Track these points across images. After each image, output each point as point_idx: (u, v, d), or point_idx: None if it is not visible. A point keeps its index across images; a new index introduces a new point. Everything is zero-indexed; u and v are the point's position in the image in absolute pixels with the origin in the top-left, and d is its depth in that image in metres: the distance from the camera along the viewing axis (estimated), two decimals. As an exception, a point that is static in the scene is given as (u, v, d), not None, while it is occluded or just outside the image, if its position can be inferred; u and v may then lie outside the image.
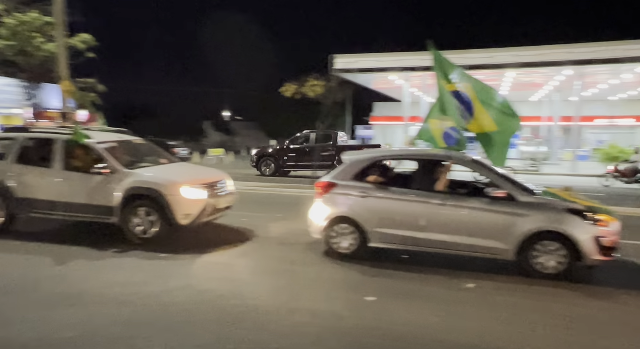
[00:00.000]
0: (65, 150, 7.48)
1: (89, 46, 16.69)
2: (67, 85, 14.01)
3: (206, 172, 8.47)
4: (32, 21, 15.40)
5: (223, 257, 6.58)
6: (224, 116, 53.10)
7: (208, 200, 7.24)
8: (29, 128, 8.47)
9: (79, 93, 16.30)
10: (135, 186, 7.07)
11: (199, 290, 5.19)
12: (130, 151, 8.22)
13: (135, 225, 7.03)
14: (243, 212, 9.06)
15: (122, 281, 5.41)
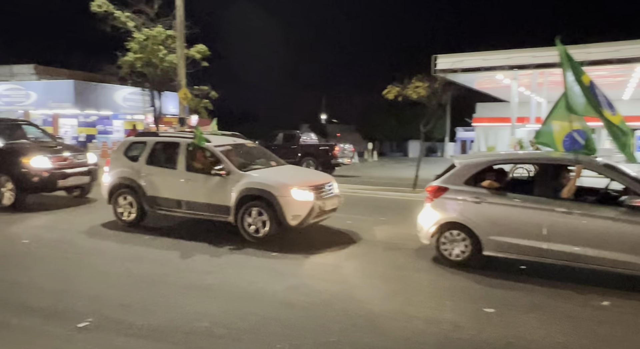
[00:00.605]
0: (188, 152, 8.10)
1: (204, 56, 18.03)
2: (184, 92, 15.27)
3: (314, 174, 8.68)
4: (158, 35, 17.05)
5: (331, 259, 6.68)
6: (321, 119, 54.19)
7: (316, 202, 7.40)
8: (158, 133, 9.34)
9: (194, 100, 17.68)
10: (249, 188, 7.44)
11: (314, 290, 5.31)
12: (244, 154, 8.70)
13: (248, 224, 7.41)
14: (347, 215, 9.14)
15: (243, 278, 5.72)
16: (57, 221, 8.76)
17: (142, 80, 19.23)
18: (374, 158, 33.43)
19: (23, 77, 31.64)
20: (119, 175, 8.42)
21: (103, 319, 4.44)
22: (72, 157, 10.24)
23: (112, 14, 16.92)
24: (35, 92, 29.21)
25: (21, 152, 9.65)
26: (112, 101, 30.57)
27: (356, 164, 27.39)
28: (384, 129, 42.61)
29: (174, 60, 16.24)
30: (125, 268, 6.04)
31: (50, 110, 29.02)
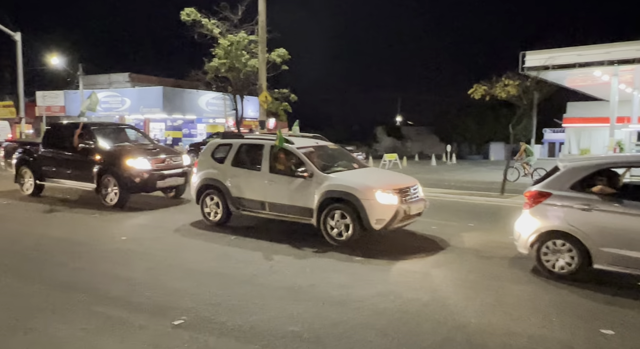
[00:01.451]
0: (272, 154, 8.17)
1: (284, 59, 18.36)
2: (265, 96, 15.60)
3: (398, 177, 8.40)
4: (241, 41, 17.64)
5: (419, 265, 6.37)
6: (396, 121, 53.42)
7: (400, 206, 7.14)
8: (243, 135, 9.57)
9: (274, 103, 18.05)
10: (332, 190, 7.34)
11: (404, 298, 5.07)
12: (326, 156, 8.64)
13: (330, 227, 7.31)
14: (431, 220, 8.76)
15: (329, 282, 5.61)
16: (152, 220, 9.24)
17: (225, 84, 19.99)
18: (452, 161, 32.21)
19: (119, 85, 34.37)
20: (206, 176, 8.70)
21: (196, 318, 4.52)
22: (169, 159, 10.76)
23: (200, 21, 17.76)
24: (129, 98, 31.57)
25: (125, 154, 10.28)
26: (196, 106, 32.22)
27: (433, 167, 26.51)
28: (462, 131, 40.94)
29: (256, 65, 16.68)
30: (214, 267, 6.17)
31: (142, 115, 31.16)
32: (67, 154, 10.82)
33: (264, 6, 14.72)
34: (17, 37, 19.16)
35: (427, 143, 45.10)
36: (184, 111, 31.95)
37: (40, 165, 11.28)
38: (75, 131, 10.56)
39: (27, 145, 11.94)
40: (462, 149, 42.16)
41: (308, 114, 50.75)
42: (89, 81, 33.20)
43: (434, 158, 28.50)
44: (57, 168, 11.02)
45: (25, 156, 11.53)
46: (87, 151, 10.48)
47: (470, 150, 42.84)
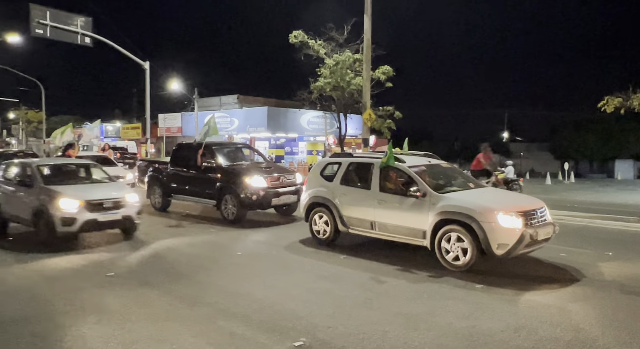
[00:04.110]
0: (382, 173, 7.97)
1: (388, 76, 18.24)
2: (369, 113, 15.53)
3: (522, 198, 7.74)
4: (346, 60, 17.88)
5: (551, 298, 5.70)
6: (503, 137, 50.39)
7: (526, 230, 6.50)
8: (352, 154, 9.51)
9: (377, 121, 17.92)
10: (447, 211, 6.93)
11: (540, 336, 4.53)
12: (439, 174, 8.23)
13: (446, 251, 6.88)
14: (559, 246, 7.90)
15: (449, 310, 5.23)
16: (265, 237, 9.48)
17: (329, 103, 20.33)
18: (570, 180, 29.36)
19: (229, 106, 36.74)
20: (315, 195, 8.74)
21: (314, 340, 4.43)
22: (283, 177, 11.05)
23: (307, 43, 18.35)
24: (237, 118, 33.54)
25: (242, 172, 10.74)
26: (298, 124, 33.23)
27: (549, 186, 24.34)
28: (580, 147, 37.24)
29: (360, 83, 16.75)
30: (327, 288, 6.08)
31: (248, 134, 32.85)
32: (191, 172, 11.57)
33: (369, 25, 14.77)
34: (145, 66, 21.33)
35: (539, 160, 41.73)
36: (286, 129, 33.13)
37: (168, 183, 12.22)
38: (199, 151, 11.29)
39: (157, 163, 13.06)
40: (581, 167, 38.34)
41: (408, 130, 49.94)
42: (202, 103, 35.96)
43: (549, 177, 26.20)
44: (182, 186, 11.84)
45: (155, 174, 12.60)
46: (208, 169, 11.12)
47: (590, 168, 38.81)
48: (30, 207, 8.46)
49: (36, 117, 47.04)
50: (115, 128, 42.33)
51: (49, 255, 7.69)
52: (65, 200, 8.10)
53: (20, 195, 8.95)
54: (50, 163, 9.86)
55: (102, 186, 9.13)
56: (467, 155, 42.97)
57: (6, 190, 9.42)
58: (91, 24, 19.40)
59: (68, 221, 7.99)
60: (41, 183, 8.61)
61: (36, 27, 17.77)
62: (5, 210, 9.32)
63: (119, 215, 8.46)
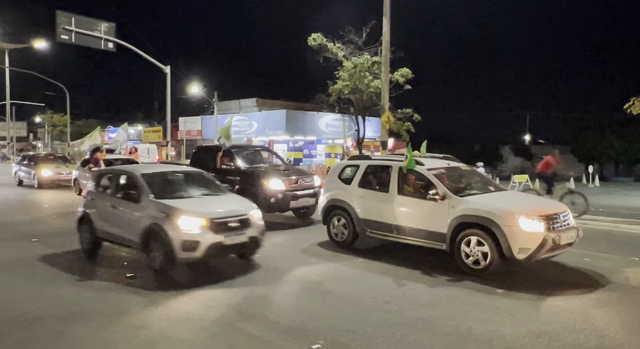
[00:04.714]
0: (400, 176, 7.92)
1: (407, 79, 18.15)
2: (387, 116, 15.47)
3: (544, 202, 7.60)
4: (364, 62, 17.88)
5: (574, 303, 5.58)
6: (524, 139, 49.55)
7: (548, 234, 6.38)
8: (370, 156, 9.49)
9: (396, 123, 17.84)
10: (467, 215, 6.84)
11: (562, 342, 4.44)
12: (459, 177, 8.14)
13: (465, 255, 6.79)
14: (583, 251, 7.72)
15: (469, 315, 5.16)
16: (282, 239, 9.46)
17: (348, 106, 20.33)
18: (595, 184, 28.65)
19: (248, 110, 37.06)
20: (333, 197, 8.73)
21: (333, 343, 4.42)
22: (301, 180, 11.06)
23: (325, 46, 18.41)
24: (256, 121, 33.78)
25: (260, 175, 10.78)
26: (316, 127, 33.29)
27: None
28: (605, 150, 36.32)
29: (379, 85, 16.70)
30: (345, 291, 6.06)
31: (267, 137, 33.06)
32: None
33: (388, 27, 14.74)
34: (166, 70, 21.66)
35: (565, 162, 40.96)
36: (305, 132, 33.22)
37: None
38: (218, 154, 11.41)
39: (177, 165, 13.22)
40: (606, 170, 37.38)
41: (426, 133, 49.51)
42: (222, 107, 36.36)
43: (572, 180, 25.58)
44: None
45: None
46: (227, 172, 11.21)
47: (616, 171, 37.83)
48: (139, 226, 6.75)
49: (61, 121, 48.25)
50: (137, 132, 43.07)
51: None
52: (186, 218, 6.40)
53: (123, 210, 7.25)
54: (156, 171, 7.92)
55: (221, 200, 7.46)
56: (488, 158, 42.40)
57: (103, 205, 7.72)
58: (114, 30, 19.81)
59: (190, 245, 6.29)
60: (152, 197, 6.91)
61: (62, 33, 18.23)
62: (101, 227, 7.60)
63: (245, 236, 6.80)
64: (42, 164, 19.14)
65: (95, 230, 7.71)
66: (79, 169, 16.96)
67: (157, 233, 6.51)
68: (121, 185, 7.67)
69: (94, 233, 7.73)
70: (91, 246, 7.85)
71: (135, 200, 7.08)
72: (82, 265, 7.36)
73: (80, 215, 8.12)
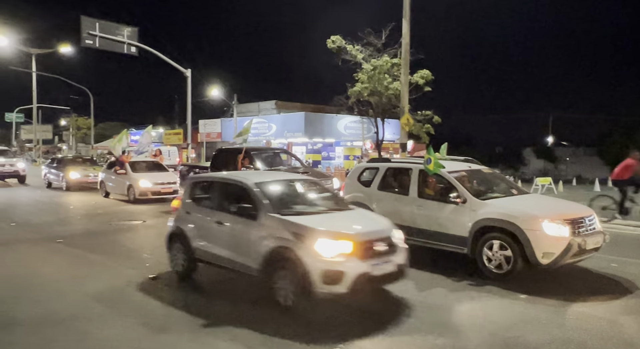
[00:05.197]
0: (420, 178, 7.84)
1: (427, 81, 18.03)
2: (407, 118, 15.36)
3: (569, 205, 7.41)
4: (384, 64, 17.83)
5: (601, 310, 5.42)
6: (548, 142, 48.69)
7: (574, 239, 6.23)
8: (390, 159, 9.44)
9: (415, 125, 17.72)
10: (489, 218, 6.74)
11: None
12: (481, 181, 8.04)
13: (487, 259, 6.68)
14: (610, 256, 7.52)
15: (491, 320, 5.08)
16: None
17: (367, 108, 20.29)
18: (620, 187, 27.92)
19: (267, 112, 37.28)
20: (353, 200, 8.67)
21: (353, 347, 4.38)
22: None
23: (345, 48, 18.42)
24: (275, 123, 33.95)
25: None
26: (335, 129, 33.29)
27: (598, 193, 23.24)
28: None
29: (398, 87, 16.62)
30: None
31: (286, 139, 33.17)
32: None
33: (407, 29, 14.64)
34: (187, 74, 21.98)
35: (586, 166, 39.94)
36: (323, 135, 33.25)
37: None
38: (238, 156, 11.49)
39: (197, 168, 13.41)
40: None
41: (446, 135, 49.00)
42: (241, 109, 36.64)
43: (598, 183, 24.99)
44: None
45: None
46: None
47: (643, 174, 36.92)
48: (258, 250, 5.45)
49: (85, 124, 49.37)
50: (158, 134, 43.74)
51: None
52: (326, 240, 5.02)
53: (232, 228, 5.95)
54: (271, 180, 6.53)
55: (353, 216, 6.10)
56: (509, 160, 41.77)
57: (203, 220, 6.40)
58: (137, 34, 20.18)
59: (333, 277, 4.90)
60: (273, 212, 5.53)
61: (86, 38, 18.67)
62: (201, 247, 6.29)
63: (392, 264, 5.36)
64: (70, 167, 19.48)
65: (192, 249, 6.41)
66: (105, 171, 17.29)
67: (287, 260, 5.15)
68: (228, 197, 6.31)
69: (190, 254, 6.43)
70: (185, 269, 6.55)
71: (250, 216, 5.69)
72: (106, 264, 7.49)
73: (171, 230, 6.82)
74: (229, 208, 6.10)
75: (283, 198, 6.24)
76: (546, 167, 42.04)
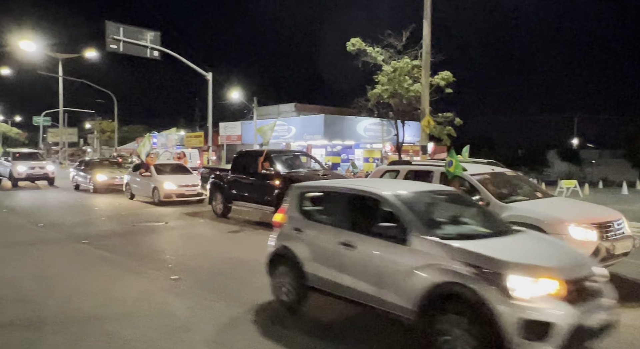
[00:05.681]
0: (441, 181, 7.75)
1: (448, 82, 17.83)
2: (427, 120, 15.21)
3: (596, 209, 7.24)
4: (404, 66, 17.70)
5: (631, 318, 5.29)
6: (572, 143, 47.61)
7: (602, 243, 6.07)
8: (411, 161, 9.37)
9: (436, 127, 17.53)
10: (512, 222, 6.58)
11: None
12: (504, 183, 7.90)
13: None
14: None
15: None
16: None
17: (387, 110, 20.17)
18: (649, 190, 27.13)
19: (286, 114, 37.44)
20: None
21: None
22: None
23: (364, 50, 18.36)
24: (294, 126, 34.06)
25: (300, 179, 10.82)
26: (354, 132, 33.22)
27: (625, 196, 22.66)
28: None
29: (419, 89, 16.49)
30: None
31: (305, 142, 33.24)
32: (251, 179, 11.86)
33: (428, 30, 14.50)
34: (208, 77, 22.21)
35: (613, 168, 38.92)
36: (343, 137, 33.20)
37: (228, 189, 12.57)
38: (259, 158, 11.54)
39: (218, 170, 13.51)
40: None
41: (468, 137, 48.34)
42: (261, 112, 36.88)
43: (625, 186, 24.33)
44: (241, 192, 12.14)
45: (216, 180, 13.03)
46: (267, 176, 11.35)
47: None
48: (413, 285, 4.21)
49: (109, 127, 50.38)
50: (180, 137, 44.36)
51: None
52: (522, 278, 3.80)
53: (369, 252, 4.67)
54: (412, 192, 5.20)
55: (537, 243, 4.84)
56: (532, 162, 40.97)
57: (321, 239, 5.19)
58: (159, 38, 20.50)
59: (537, 329, 3.68)
60: (428, 235, 4.32)
61: (111, 43, 19.03)
62: (318, 274, 5.11)
63: (604, 311, 4.14)
64: (97, 169, 19.76)
65: (304, 275, 5.21)
66: (130, 174, 17.54)
67: (463, 302, 3.90)
68: (356, 212, 5.17)
69: (302, 281, 5.24)
70: (295, 298, 5.32)
71: (394, 238, 4.44)
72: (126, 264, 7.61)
73: (275, 251, 5.65)
74: (361, 226, 4.88)
75: (432, 215, 5.06)
76: (571, 170, 41.07)
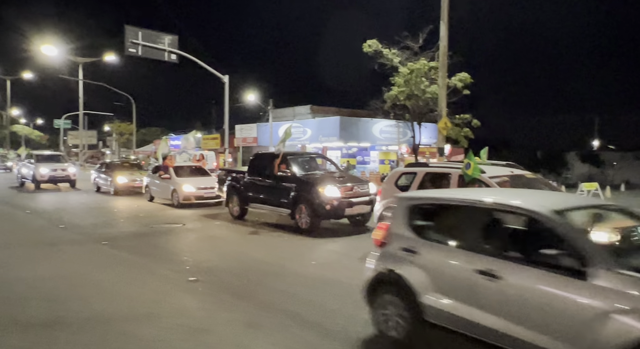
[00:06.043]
0: (459, 183, 7.69)
1: (465, 84, 17.68)
2: (444, 122, 15.09)
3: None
4: (421, 68, 17.60)
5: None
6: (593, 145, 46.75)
7: (625, 248, 5.89)
8: (428, 163, 9.30)
9: (454, 129, 17.39)
10: (533, 225, 6.48)
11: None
12: (524, 186, 7.76)
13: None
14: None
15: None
16: (338, 247, 9.49)
17: (403, 112, 20.08)
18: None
19: (302, 117, 37.53)
20: (389, 206, 8.59)
21: None
22: (356, 187, 11.01)
23: (381, 52, 18.31)
24: (310, 128, 34.10)
25: (316, 182, 10.83)
26: (370, 134, 33.13)
27: (648, 199, 22.12)
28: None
29: (435, 91, 16.38)
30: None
31: (320, 144, 33.25)
32: (267, 181, 11.88)
33: (445, 32, 14.40)
34: (225, 80, 22.37)
35: (636, 170, 38.12)
36: (359, 139, 33.12)
37: (245, 191, 12.63)
38: (275, 160, 11.57)
39: (235, 172, 13.58)
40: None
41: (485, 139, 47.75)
42: (276, 114, 37.01)
43: (647, 189, 23.83)
44: (258, 194, 12.18)
45: (233, 183, 13.10)
46: (283, 179, 11.37)
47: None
48: (607, 336, 3.09)
49: (127, 130, 51.08)
50: (197, 139, 44.79)
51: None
52: None
53: (527, 287, 3.56)
54: (575, 206, 4.37)
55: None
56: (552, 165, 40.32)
57: (447, 265, 4.16)
58: (177, 42, 20.73)
59: None
60: (621, 269, 3.23)
61: (130, 47, 19.30)
62: (444, 307, 4.07)
63: None
64: (118, 171, 20.01)
65: (419, 307, 4.20)
66: (150, 176, 17.71)
67: None
68: (500, 232, 4.20)
69: (416, 313, 4.22)
70: (406, 334, 4.30)
71: (567, 271, 3.37)
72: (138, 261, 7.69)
73: (377, 275, 4.64)
74: (507, 250, 3.88)
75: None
76: (591, 172, 40.32)
